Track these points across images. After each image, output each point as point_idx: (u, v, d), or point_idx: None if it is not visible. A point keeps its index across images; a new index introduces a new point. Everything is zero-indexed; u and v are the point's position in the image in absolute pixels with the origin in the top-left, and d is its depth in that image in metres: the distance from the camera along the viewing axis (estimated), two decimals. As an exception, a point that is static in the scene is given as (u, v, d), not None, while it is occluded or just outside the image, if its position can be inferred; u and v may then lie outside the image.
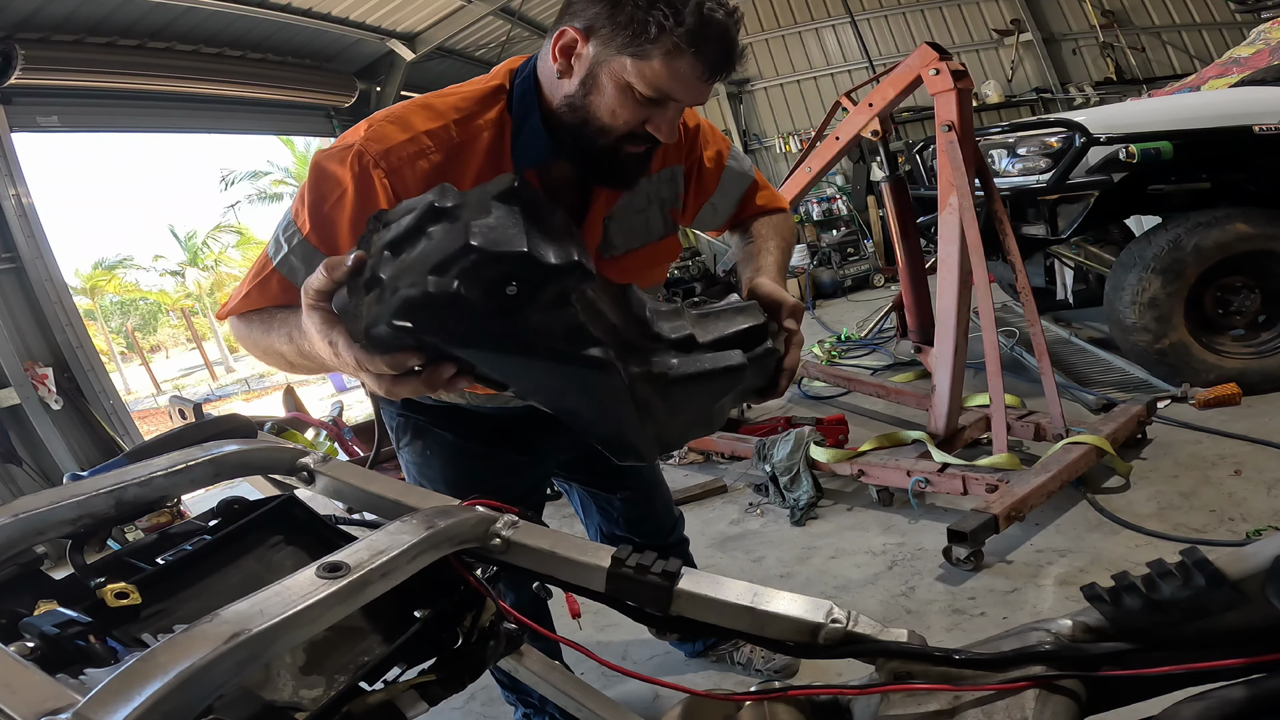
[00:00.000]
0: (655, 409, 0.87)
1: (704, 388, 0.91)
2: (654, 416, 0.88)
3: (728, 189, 1.40)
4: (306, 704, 0.71)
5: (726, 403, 0.97)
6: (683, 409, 0.91)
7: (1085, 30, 9.49)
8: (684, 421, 0.94)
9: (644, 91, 1.01)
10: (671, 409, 0.90)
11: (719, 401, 0.96)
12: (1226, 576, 0.50)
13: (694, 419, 0.96)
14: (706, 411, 0.96)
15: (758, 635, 0.69)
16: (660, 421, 0.90)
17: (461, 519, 0.79)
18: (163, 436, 1.07)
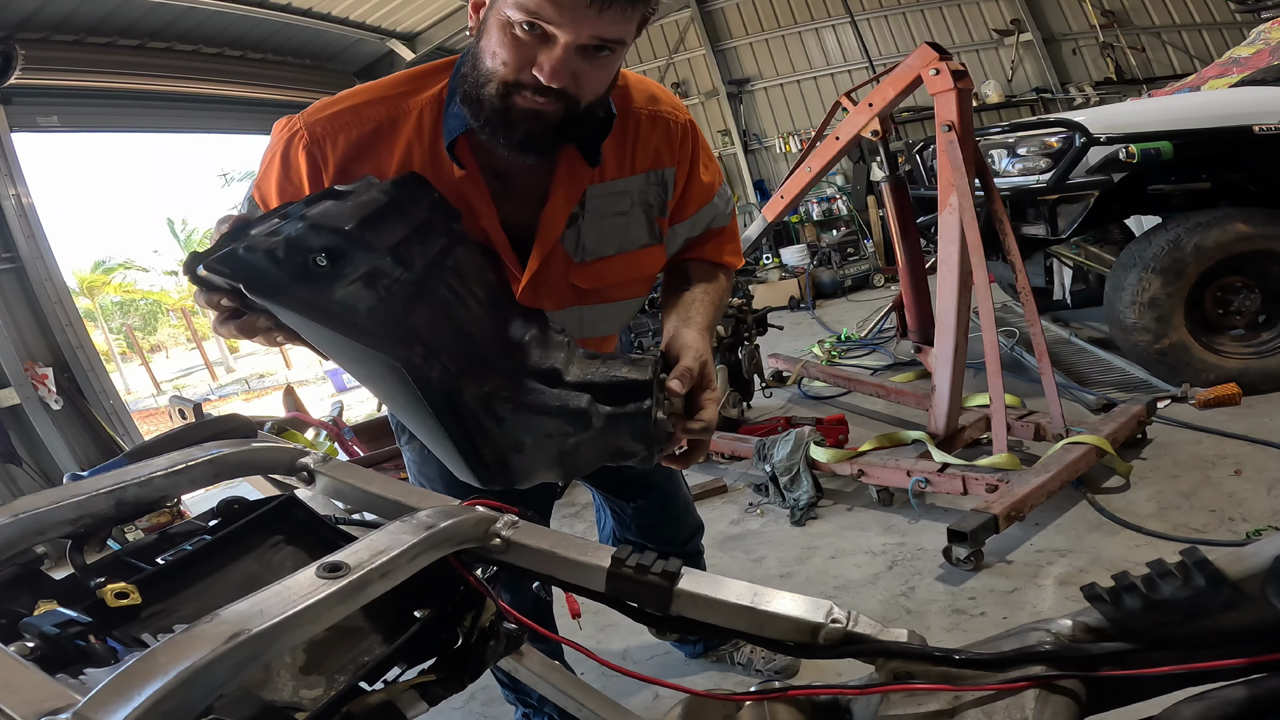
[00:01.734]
0: (491, 433, 0.87)
1: (543, 424, 0.90)
2: (490, 440, 0.87)
3: (699, 223, 1.32)
4: (306, 704, 0.71)
5: (583, 451, 0.93)
6: (524, 443, 0.90)
7: (1085, 30, 9.49)
8: (532, 458, 0.92)
9: (519, 19, 0.90)
10: (509, 438, 0.89)
11: (566, 444, 0.92)
12: (1226, 576, 0.50)
13: (542, 457, 0.93)
14: (555, 453, 0.92)
15: (758, 635, 0.69)
16: (498, 447, 0.89)
17: (461, 519, 0.79)
18: (162, 436, 1.07)
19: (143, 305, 29.00)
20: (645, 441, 0.96)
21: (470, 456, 0.88)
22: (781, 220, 4.71)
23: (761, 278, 8.28)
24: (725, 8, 10.39)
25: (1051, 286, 4.38)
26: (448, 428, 0.85)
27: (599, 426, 0.92)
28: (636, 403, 0.94)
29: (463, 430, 0.86)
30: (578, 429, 0.92)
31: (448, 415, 0.83)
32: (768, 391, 4.54)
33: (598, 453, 0.95)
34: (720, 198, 1.33)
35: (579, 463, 0.96)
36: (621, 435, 0.94)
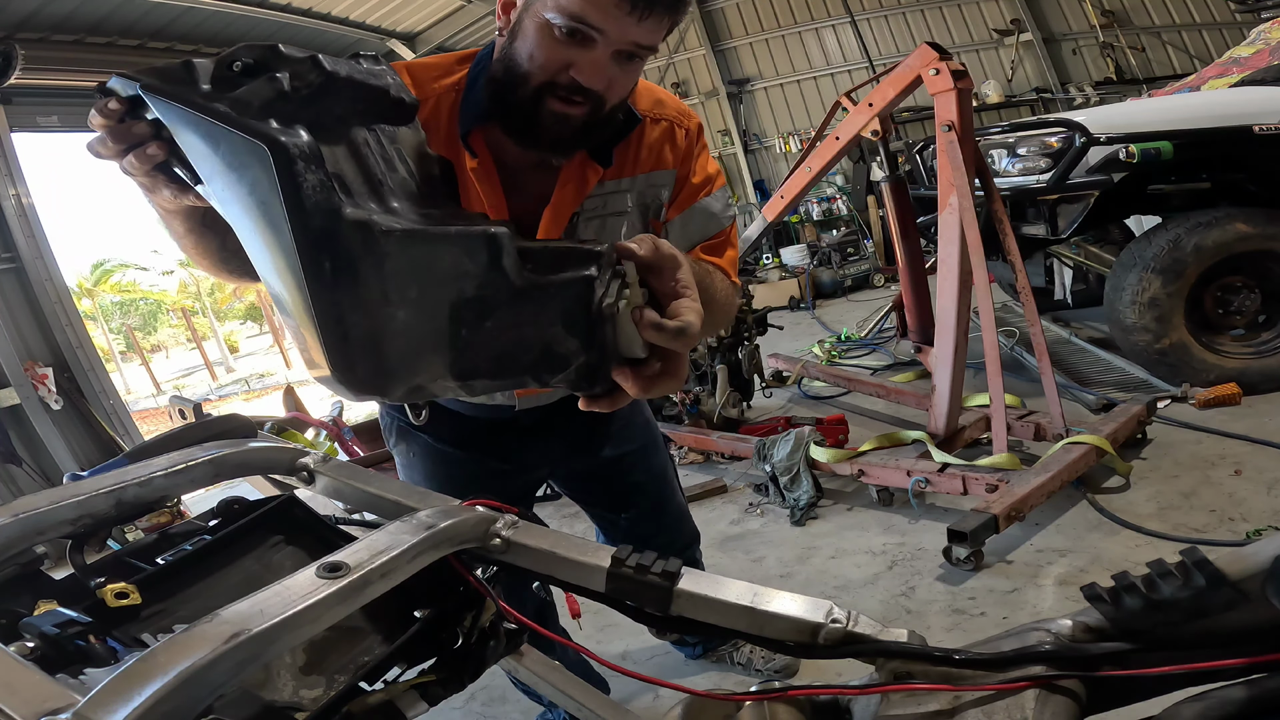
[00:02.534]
0: (365, 285, 0.61)
1: (438, 262, 0.64)
2: (362, 300, 0.62)
3: (691, 222, 1.25)
4: (306, 704, 0.71)
5: (493, 330, 0.67)
6: (409, 297, 0.63)
7: (1085, 30, 9.50)
8: (414, 331, 0.64)
9: (560, 23, 0.91)
10: (389, 291, 0.62)
11: (466, 307, 0.65)
12: (1226, 576, 0.50)
13: (428, 330, 0.65)
14: (447, 321, 0.65)
15: (757, 635, 0.69)
16: (371, 313, 0.62)
17: (461, 519, 0.79)
18: (163, 436, 1.07)
19: (142, 305, 29.01)
20: (587, 326, 0.69)
21: (329, 324, 0.61)
22: (781, 220, 4.72)
23: (761, 278, 8.28)
24: (725, 8, 10.39)
25: (1051, 286, 4.39)
26: (307, 268, 0.60)
27: (518, 286, 0.66)
28: (576, 270, 0.68)
29: (326, 275, 0.60)
30: (485, 277, 0.65)
31: (311, 246, 0.59)
32: (768, 391, 4.54)
33: (514, 338, 0.68)
34: (717, 198, 1.28)
35: (482, 348, 0.67)
36: (551, 311, 0.68)
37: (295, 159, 0.59)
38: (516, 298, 0.67)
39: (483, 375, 0.68)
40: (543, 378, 0.70)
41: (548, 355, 0.70)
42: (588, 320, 0.69)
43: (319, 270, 0.60)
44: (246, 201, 0.61)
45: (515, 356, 0.69)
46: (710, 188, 1.27)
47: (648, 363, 0.73)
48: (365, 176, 0.66)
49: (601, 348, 0.70)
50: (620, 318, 0.70)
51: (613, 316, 0.69)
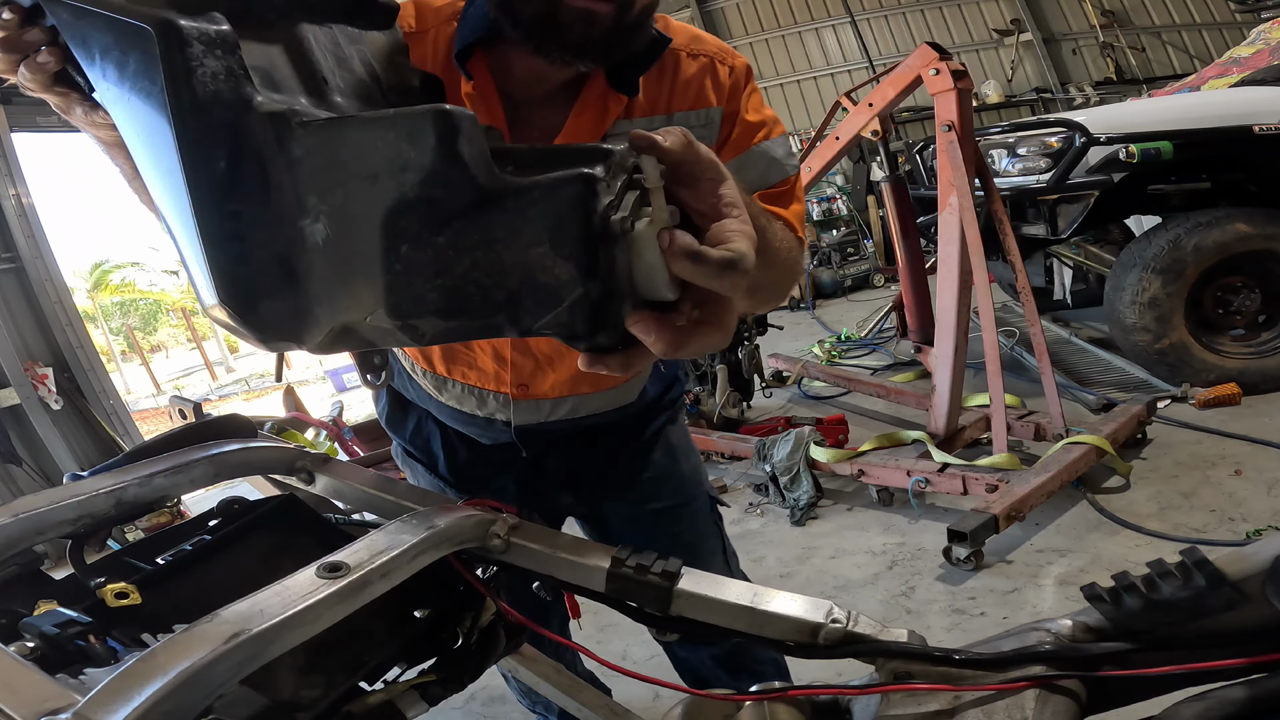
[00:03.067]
0: (275, 180, 0.48)
1: (354, 155, 0.48)
2: (268, 193, 0.48)
3: (749, 167, 1.06)
4: (306, 704, 0.71)
5: (444, 251, 0.49)
6: (320, 201, 0.48)
7: (1085, 30, 9.50)
8: (322, 237, 0.48)
9: None
10: (299, 188, 0.48)
11: (405, 217, 0.49)
12: (1226, 576, 0.50)
13: (344, 240, 0.49)
14: (368, 235, 0.49)
15: (757, 635, 0.69)
16: (276, 219, 0.48)
17: (461, 519, 0.79)
18: (162, 436, 1.07)
19: (142, 305, 29.02)
20: (586, 245, 0.48)
21: (220, 244, 0.48)
22: (781, 220, 4.71)
23: (761, 278, 8.27)
24: (725, 8, 10.39)
25: (1051, 286, 4.39)
26: (190, 171, 0.47)
27: (485, 187, 0.48)
28: (576, 169, 0.49)
29: (217, 179, 0.47)
30: (434, 170, 0.48)
31: (198, 142, 0.47)
32: (768, 391, 4.54)
33: (478, 262, 0.49)
34: (777, 143, 1.09)
35: (429, 273, 0.50)
36: (533, 226, 0.49)
37: (189, 41, 0.46)
38: (482, 204, 0.48)
39: (430, 312, 0.50)
40: (521, 320, 0.49)
41: (528, 287, 0.49)
42: (588, 237, 0.48)
43: (208, 173, 0.47)
44: (130, 104, 0.49)
45: (480, 288, 0.49)
46: (769, 131, 1.09)
47: (678, 307, 0.52)
48: (303, 74, 0.54)
49: (608, 277, 0.48)
50: (638, 240, 0.49)
51: (626, 235, 0.49)
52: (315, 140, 0.48)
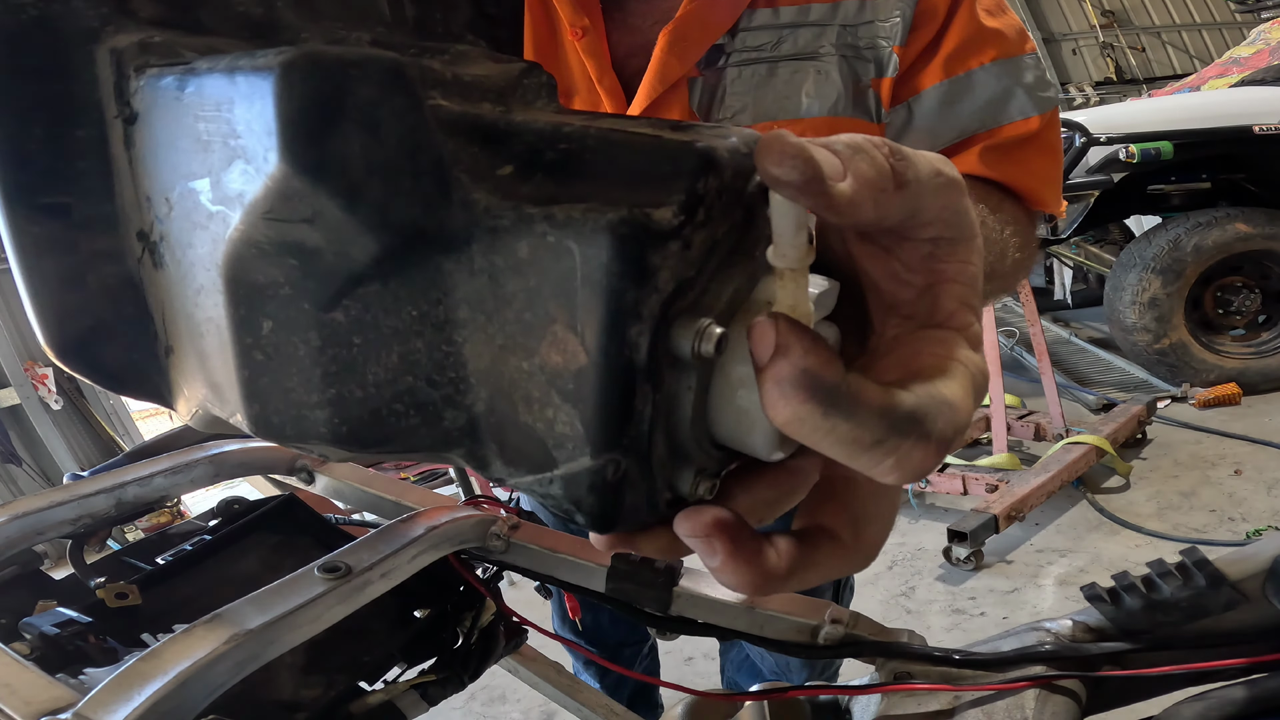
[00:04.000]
0: (120, 161, 0.31)
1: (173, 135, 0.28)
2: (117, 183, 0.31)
3: (965, 98, 0.72)
4: (307, 704, 0.71)
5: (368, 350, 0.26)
6: (164, 222, 0.30)
7: (1085, 30, 9.50)
8: (178, 303, 0.30)
9: None
10: (141, 185, 0.31)
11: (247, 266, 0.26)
12: (1226, 577, 0.50)
13: (194, 309, 0.29)
14: (221, 311, 0.27)
15: (758, 635, 0.69)
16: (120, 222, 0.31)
17: (461, 519, 0.79)
18: (162, 436, 1.07)
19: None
20: (606, 384, 0.23)
21: (38, 263, 0.31)
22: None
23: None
24: (725, 8, 10.38)
25: (1051, 286, 4.39)
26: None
27: (406, 224, 0.25)
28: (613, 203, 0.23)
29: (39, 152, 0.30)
30: (283, 195, 0.24)
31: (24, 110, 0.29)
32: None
33: (406, 358, 0.26)
34: (1025, 68, 0.73)
35: (303, 389, 0.26)
36: (518, 312, 0.25)
37: None
38: (417, 253, 0.26)
39: (320, 437, 0.27)
40: (489, 466, 0.28)
41: (501, 424, 0.27)
42: (620, 369, 0.24)
43: (23, 157, 0.30)
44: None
45: (422, 404, 0.27)
46: (1004, 44, 0.72)
47: (783, 476, 0.28)
48: None
49: (635, 449, 0.25)
50: (726, 368, 0.26)
51: (698, 370, 0.26)
52: (155, 98, 0.29)
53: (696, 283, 0.24)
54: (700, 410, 0.26)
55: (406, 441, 0.27)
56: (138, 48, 0.29)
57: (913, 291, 0.28)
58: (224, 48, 0.29)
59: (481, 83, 0.29)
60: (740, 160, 0.25)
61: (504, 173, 0.25)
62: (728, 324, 0.25)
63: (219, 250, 0.26)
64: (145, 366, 0.33)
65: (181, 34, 0.30)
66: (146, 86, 0.29)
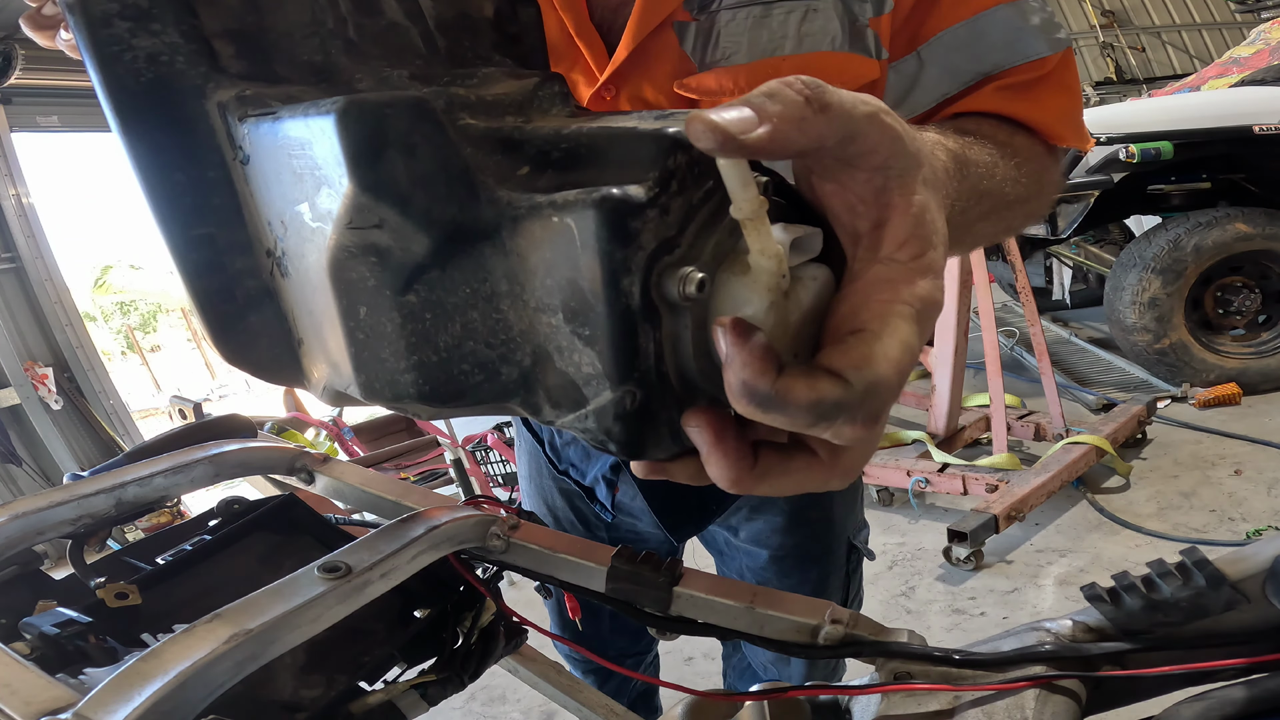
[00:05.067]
0: (244, 194, 0.38)
1: (277, 167, 0.36)
2: (246, 211, 0.39)
3: (979, 40, 0.70)
4: (306, 704, 0.71)
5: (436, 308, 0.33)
6: (284, 240, 0.37)
7: (1085, 30, 9.49)
8: (301, 300, 0.38)
9: None
10: (263, 211, 0.38)
11: (337, 259, 0.34)
12: (1226, 577, 0.50)
13: (313, 302, 0.37)
14: (330, 299, 0.35)
15: (757, 635, 0.69)
16: (252, 242, 0.40)
17: (461, 519, 0.79)
18: (162, 436, 1.07)
19: (142, 306, 29.05)
20: (612, 327, 0.30)
21: (194, 285, 0.39)
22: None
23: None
24: (725, 8, 10.38)
25: (1051, 286, 4.39)
26: (153, 195, 0.38)
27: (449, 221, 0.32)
28: (599, 185, 0.30)
29: (183, 208, 0.38)
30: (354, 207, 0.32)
31: (150, 157, 0.37)
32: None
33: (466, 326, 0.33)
34: (1034, 10, 0.71)
35: (393, 357, 0.34)
36: (540, 279, 0.31)
37: (110, 15, 0.35)
38: (463, 243, 0.32)
39: (410, 396, 0.34)
40: (541, 411, 0.34)
41: (543, 372, 0.33)
42: (621, 313, 0.29)
43: (165, 185, 0.37)
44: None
45: (479, 365, 0.33)
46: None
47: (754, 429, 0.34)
48: (291, 34, 0.38)
49: (656, 376, 0.31)
50: (719, 304, 0.31)
51: (691, 306, 0.31)
52: (258, 141, 0.36)
53: (680, 240, 0.30)
54: (701, 345, 0.32)
55: (476, 395, 0.34)
56: (236, 101, 0.36)
57: (868, 223, 0.32)
58: (299, 95, 0.36)
59: (503, 99, 0.37)
60: (702, 129, 0.29)
61: (523, 173, 0.33)
62: (714, 271, 0.31)
63: (323, 257, 0.34)
64: (286, 359, 0.41)
65: (265, 85, 0.37)
66: (250, 133, 0.36)
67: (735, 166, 0.28)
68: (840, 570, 1.12)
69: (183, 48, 0.36)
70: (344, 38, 0.39)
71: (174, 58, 0.36)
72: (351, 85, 0.38)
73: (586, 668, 1.36)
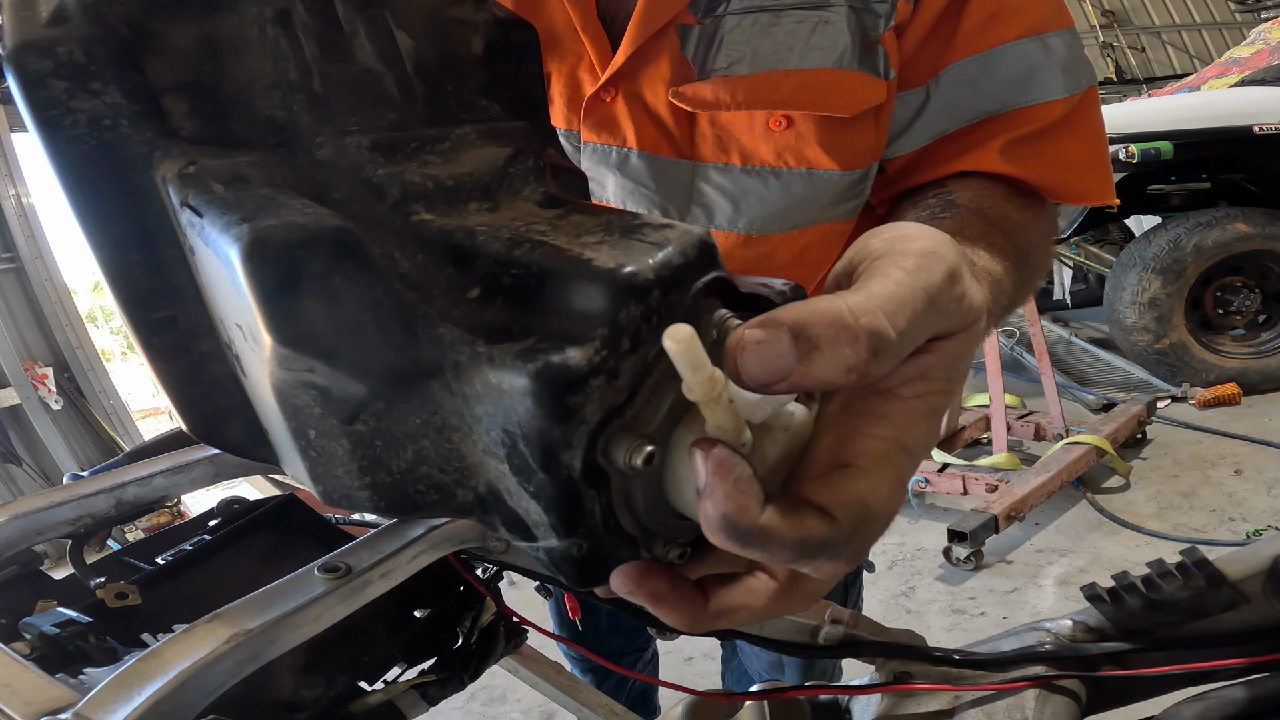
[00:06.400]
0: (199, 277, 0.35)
1: (211, 277, 0.33)
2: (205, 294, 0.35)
3: (989, 76, 0.66)
4: (306, 704, 0.71)
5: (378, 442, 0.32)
6: (231, 340, 0.35)
7: (1085, 30, 9.49)
8: (256, 402, 0.36)
9: None
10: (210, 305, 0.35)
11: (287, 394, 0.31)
12: (1226, 577, 0.50)
13: (263, 411, 0.36)
14: (279, 418, 0.33)
15: (757, 635, 0.69)
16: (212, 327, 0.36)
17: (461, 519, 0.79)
18: (162, 436, 1.07)
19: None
20: (557, 493, 0.29)
21: (155, 357, 0.36)
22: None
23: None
24: (725, 8, 10.38)
25: (1051, 286, 4.39)
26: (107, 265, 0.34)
27: (389, 367, 0.30)
28: (536, 343, 0.28)
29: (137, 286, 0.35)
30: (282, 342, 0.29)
31: (102, 229, 0.34)
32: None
33: (419, 454, 0.32)
34: (1059, 45, 0.66)
35: (347, 477, 0.33)
36: (486, 429, 0.29)
37: (44, 74, 0.31)
38: (409, 386, 0.30)
39: (365, 504, 0.34)
40: (499, 530, 0.34)
41: (497, 504, 0.32)
42: (563, 482, 0.29)
43: (130, 279, 0.34)
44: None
45: (434, 487, 0.33)
46: (1036, 21, 0.65)
47: (717, 556, 0.32)
48: (250, 87, 0.33)
49: (592, 535, 0.31)
50: (672, 471, 0.30)
51: (641, 476, 0.30)
52: (196, 237, 0.32)
53: (630, 404, 0.28)
54: (655, 499, 0.31)
55: (433, 510, 0.34)
56: (178, 179, 0.32)
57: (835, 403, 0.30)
58: (247, 171, 0.32)
59: (467, 181, 0.34)
60: (676, 273, 0.28)
61: (473, 295, 0.30)
62: (668, 432, 0.30)
63: (267, 381, 0.31)
64: (260, 440, 0.38)
65: (217, 152, 0.33)
66: (189, 224, 0.32)
67: (687, 350, 0.25)
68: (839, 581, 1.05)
69: (126, 109, 0.32)
70: (307, 90, 0.34)
71: (117, 120, 0.32)
72: (311, 152, 0.33)
73: (585, 666, 1.36)
